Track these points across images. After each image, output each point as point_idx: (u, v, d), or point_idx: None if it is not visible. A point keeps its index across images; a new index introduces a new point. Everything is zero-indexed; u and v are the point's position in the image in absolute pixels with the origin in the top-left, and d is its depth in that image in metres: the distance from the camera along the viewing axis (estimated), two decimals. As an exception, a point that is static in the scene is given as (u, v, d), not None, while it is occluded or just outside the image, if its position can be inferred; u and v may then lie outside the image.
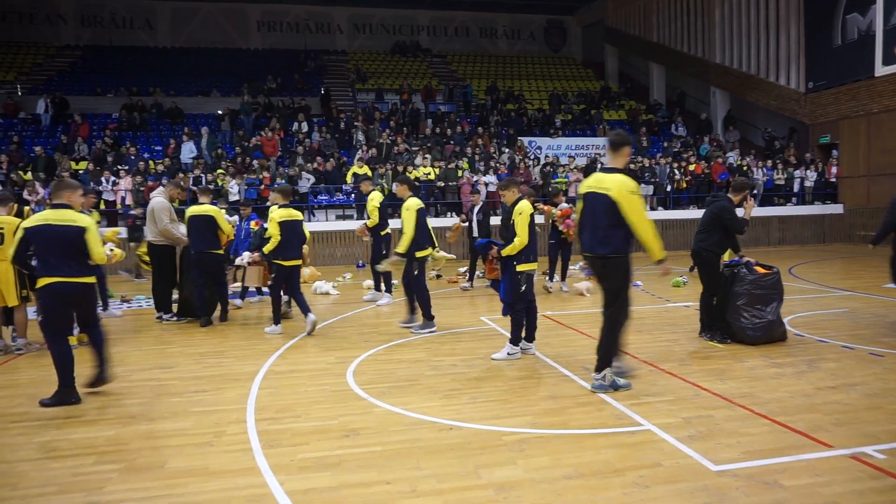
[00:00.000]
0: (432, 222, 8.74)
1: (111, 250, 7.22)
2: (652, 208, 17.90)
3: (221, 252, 8.42)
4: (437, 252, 8.83)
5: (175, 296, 8.65)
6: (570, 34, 31.36)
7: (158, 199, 8.38)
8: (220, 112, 20.60)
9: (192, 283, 8.26)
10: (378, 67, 26.95)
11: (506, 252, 6.05)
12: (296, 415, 4.68)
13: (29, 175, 15.52)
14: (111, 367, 5.47)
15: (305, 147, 18.32)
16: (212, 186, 14.38)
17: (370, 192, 9.64)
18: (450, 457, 3.87)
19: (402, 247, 7.30)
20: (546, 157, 18.91)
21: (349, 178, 16.42)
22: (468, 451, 3.94)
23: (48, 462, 3.96)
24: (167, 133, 19.28)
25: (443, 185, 16.73)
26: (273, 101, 21.45)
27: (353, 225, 15.73)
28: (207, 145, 17.83)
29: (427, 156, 17.59)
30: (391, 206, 13.62)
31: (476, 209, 10.78)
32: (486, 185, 16.72)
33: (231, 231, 8.65)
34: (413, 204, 7.35)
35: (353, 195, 16.38)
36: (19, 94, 21.44)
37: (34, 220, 5.16)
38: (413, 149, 18.42)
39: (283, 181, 16.05)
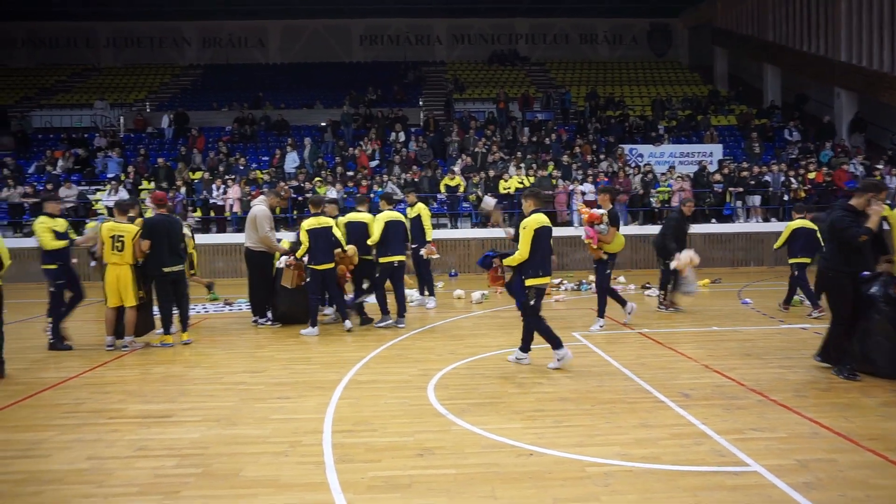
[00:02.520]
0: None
1: None
2: (764, 219, 16.58)
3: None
4: None
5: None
6: (676, 37, 29.94)
7: (260, 206, 8.67)
8: (322, 123, 21.39)
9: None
10: (475, 77, 26.98)
11: (507, 262, 6.20)
12: (372, 428, 4.58)
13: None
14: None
15: (402, 156, 18.57)
16: (309, 195, 14.84)
17: (415, 204, 9.78)
18: (527, 486, 3.59)
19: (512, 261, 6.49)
20: (647, 165, 18.03)
21: (442, 188, 16.44)
22: (548, 481, 3.65)
23: (135, 461, 4.08)
24: (274, 144, 20.23)
25: (538, 194, 16.35)
26: (373, 112, 21.98)
27: (447, 234, 15.74)
28: (310, 155, 18.51)
29: (521, 165, 17.29)
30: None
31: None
32: (583, 194, 16.17)
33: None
34: (532, 222, 6.07)
35: (446, 205, 16.39)
36: (148, 110, 23.36)
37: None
38: (507, 158, 18.19)
39: (381, 189, 16.35)
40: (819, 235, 8.66)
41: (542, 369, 6.19)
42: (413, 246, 9.80)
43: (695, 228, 12.70)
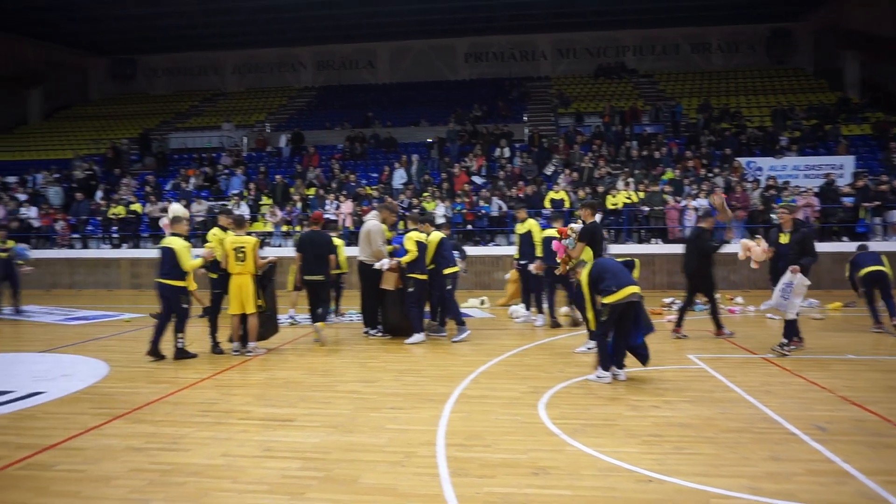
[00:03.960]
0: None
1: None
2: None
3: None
4: None
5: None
6: (798, 42, 28.02)
7: (373, 221, 9.03)
8: (429, 140, 21.93)
9: (402, 304, 8.71)
10: (581, 91, 26.63)
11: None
12: (485, 444, 4.59)
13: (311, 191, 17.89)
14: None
15: (507, 172, 18.62)
16: (417, 210, 15.21)
17: (525, 220, 9.75)
18: (648, 514, 3.47)
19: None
20: (769, 178, 16.93)
21: (547, 203, 16.29)
22: (670, 511, 3.50)
23: (263, 461, 4.34)
24: (382, 161, 20.95)
25: (647, 209, 15.81)
26: (477, 129, 22.24)
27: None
28: (417, 172, 19.01)
29: (629, 179, 16.81)
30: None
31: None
32: (696, 209, 15.45)
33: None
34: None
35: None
36: (268, 130, 24.99)
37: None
38: (615, 172, 17.75)
39: (487, 206, 16.49)
40: None
41: (657, 392, 5.96)
42: (522, 262, 9.81)
43: (823, 247, 11.78)
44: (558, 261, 7.81)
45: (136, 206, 18.06)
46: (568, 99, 25.19)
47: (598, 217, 8.29)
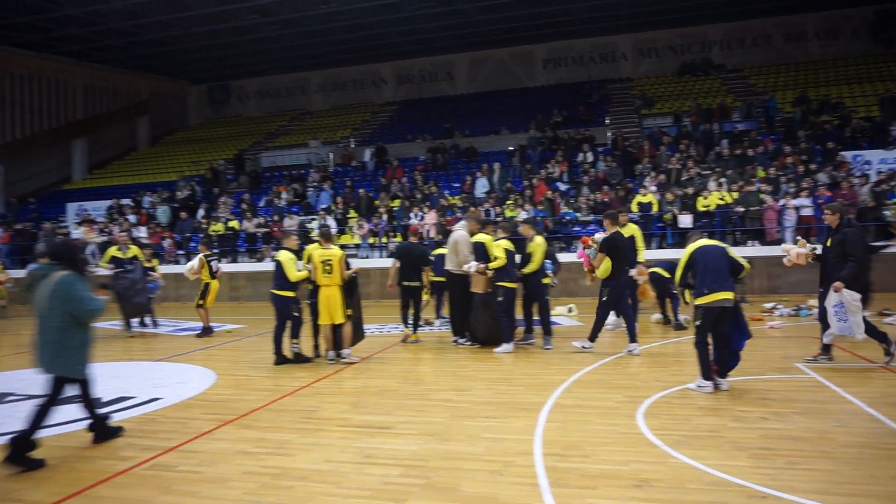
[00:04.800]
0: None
1: None
2: None
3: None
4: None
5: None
6: (910, 23, 25.89)
7: (461, 232, 9.13)
8: (510, 148, 21.92)
9: (485, 313, 8.75)
10: (665, 90, 25.83)
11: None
12: (583, 454, 4.52)
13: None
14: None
15: (591, 177, 18.31)
16: (500, 218, 15.22)
17: (626, 224, 9.40)
18: (764, 531, 3.29)
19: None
20: (879, 172, 15.72)
21: (634, 207, 15.87)
22: (789, 529, 3.30)
23: (365, 467, 4.46)
24: (464, 171, 21.15)
25: (742, 210, 15.06)
26: (558, 134, 22.02)
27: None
28: (499, 180, 19.04)
29: (722, 180, 16.08)
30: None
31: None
32: (797, 209, 14.58)
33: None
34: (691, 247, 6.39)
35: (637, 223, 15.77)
36: (352, 146, 25.84)
37: None
38: (705, 173, 17.05)
39: (571, 211, 16.27)
40: None
41: (764, 402, 5.65)
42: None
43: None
44: (585, 268, 8.26)
45: (234, 223, 19.11)
46: (651, 99, 24.49)
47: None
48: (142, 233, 19.87)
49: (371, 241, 17.68)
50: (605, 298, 8.05)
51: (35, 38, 24.90)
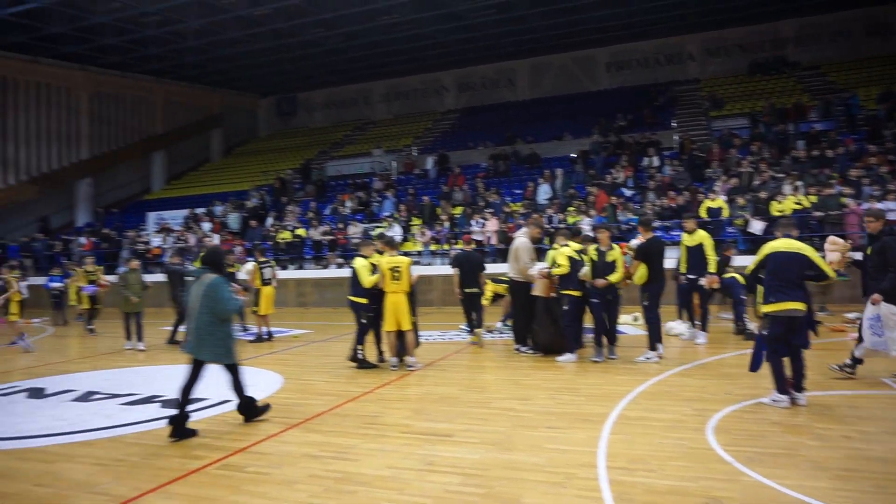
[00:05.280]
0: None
1: None
2: None
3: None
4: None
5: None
6: None
7: (522, 239, 9.08)
8: (573, 154, 21.64)
9: (553, 321, 8.65)
10: (735, 91, 24.87)
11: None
12: (649, 468, 4.39)
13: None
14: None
15: (657, 182, 17.84)
16: (562, 225, 15.04)
17: (694, 231, 9.26)
18: (847, 558, 3.10)
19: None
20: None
21: (703, 212, 15.33)
22: (875, 556, 3.10)
23: (426, 474, 4.49)
24: (526, 177, 21.02)
25: (821, 215, 14.28)
26: (623, 139, 21.58)
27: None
28: (562, 186, 18.82)
29: (798, 183, 15.31)
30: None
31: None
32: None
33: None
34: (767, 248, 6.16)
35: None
36: (415, 154, 26.16)
37: None
38: (779, 176, 16.28)
39: (635, 218, 15.87)
40: None
41: (847, 420, 5.33)
42: (690, 276, 9.31)
43: None
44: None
45: (301, 231, 19.68)
46: (720, 101, 23.65)
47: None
48: (215, 240, 20.75)
49: (433, 248, 17.81)
50: (646, 303, 8.22)
51: (120, 60, 26.50)
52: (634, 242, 8.51)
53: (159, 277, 15.84)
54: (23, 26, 22.01)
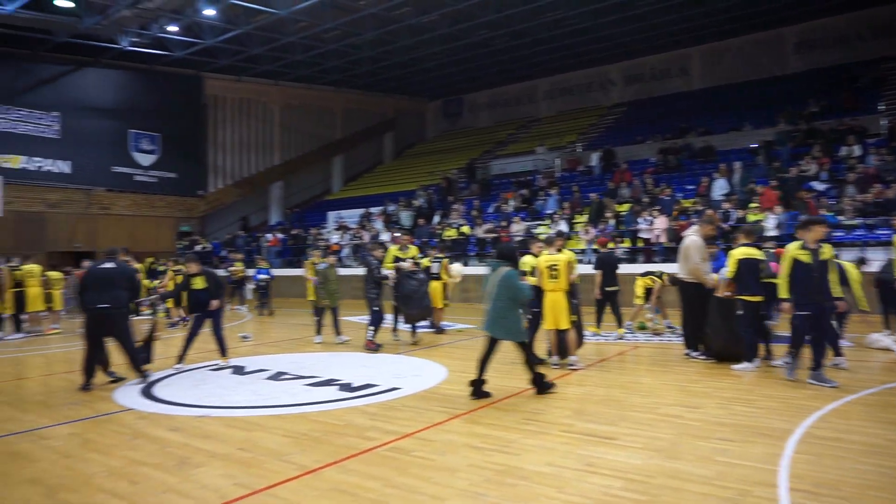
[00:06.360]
0: None
1: None
2: None
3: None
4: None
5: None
6: None
7: (693, 237, 8.56)
8: (753, 145, 19.84)
9: (727, 325, 8.07)
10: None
11: None
12: (842, 496, 3.93)
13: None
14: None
15: (857, 173, 15.74)
16: (742, 223, 13.87)
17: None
18: None
19: None
20: None
21: (918, 208, 13.26)
22: None
23: (586, 475, 4.43)
24: (700, 172, 19.68)
25: None
26: (815, 126, 19.33)
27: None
28: (741, 181, 17.36)
29: None
30: None
31: None
32: None
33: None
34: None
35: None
36: (579, 150, 25.67)
37: None
38: None
39: (832, 216, 14.19)
40: None
41: None
42: None
43: None
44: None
45: (465, 228, 20.24)
46: (945, 77, 20.19)
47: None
48: (386, 238, 22.11)
49: (596, 247, 17.35)
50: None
51: (305, 73, 29.22)
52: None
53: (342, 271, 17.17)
54: (231, 51, 25.16)
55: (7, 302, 13.17)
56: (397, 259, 10.96)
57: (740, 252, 7.79)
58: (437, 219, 22.38)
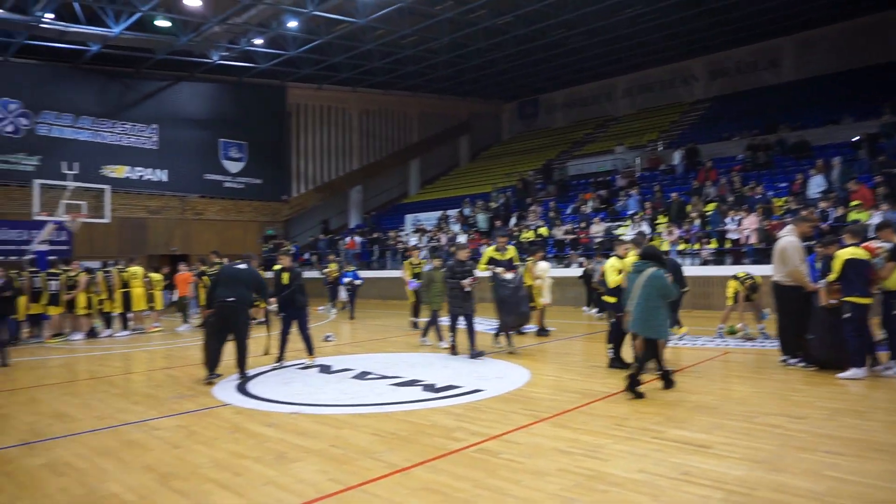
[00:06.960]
0: None
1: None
2: None
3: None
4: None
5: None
6: None
7: (790, 238, 8.11)
8: (854, 139, 18.56)
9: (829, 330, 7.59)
10: None
11: None
12: (973, 516, 3.60)
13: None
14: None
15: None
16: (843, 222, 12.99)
17: None
18: None
19: None
20: None
21: None
22: None
23: (682, 484, 4.27)
24: (793, 169, 18.62)
25: None
26: (927, 117, 17.87)
27: None
28: (840, 177, 16.28)
29: None
30: None
31: None
32: None
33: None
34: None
35: None
36: (660, 149, 24.87)
37: None
38: None
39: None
40: None
41: None
42: None
43: None
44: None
45: (543, 230, 20.04)
46: None
47: None
48: (462, 240, 22.21)
49: (681, 247, 16.75)
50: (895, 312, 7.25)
51: (383, 80, 29.82)
52: (886, 244, 7.32)
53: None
54: (312, 60, 26.06)
55: (116, 301, 14.19)
56: (493, 261, 10.32)
57: (847, 252, 7.34)
58: (513, 220, 22.27)
